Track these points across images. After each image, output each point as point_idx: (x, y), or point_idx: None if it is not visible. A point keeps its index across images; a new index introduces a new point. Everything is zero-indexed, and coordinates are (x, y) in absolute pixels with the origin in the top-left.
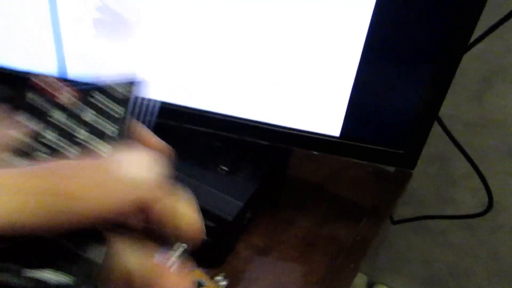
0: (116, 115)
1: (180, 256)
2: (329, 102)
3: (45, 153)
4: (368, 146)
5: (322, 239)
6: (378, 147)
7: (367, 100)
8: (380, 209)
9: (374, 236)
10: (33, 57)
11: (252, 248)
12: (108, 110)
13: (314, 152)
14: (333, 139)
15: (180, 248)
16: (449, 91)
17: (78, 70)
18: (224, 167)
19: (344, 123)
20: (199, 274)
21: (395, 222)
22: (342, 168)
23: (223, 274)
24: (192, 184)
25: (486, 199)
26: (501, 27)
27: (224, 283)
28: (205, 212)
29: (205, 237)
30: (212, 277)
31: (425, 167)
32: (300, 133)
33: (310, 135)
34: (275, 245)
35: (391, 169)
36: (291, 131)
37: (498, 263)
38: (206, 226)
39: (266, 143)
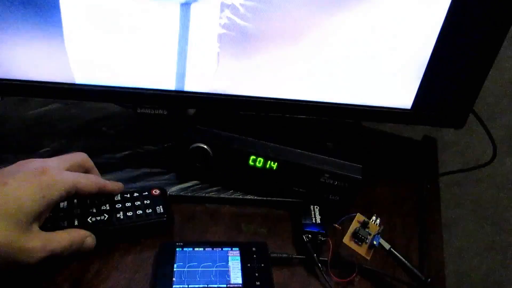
0: None
1: None
2: (405, 81)
3: None
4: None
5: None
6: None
7: (437, 77)
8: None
9: None
10: (153, 75)
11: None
12: None
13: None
14: (405, 111)
15: None
16: None
17: (195, 87)
18: (329, 143)
19: (415, 97)
20: (360, 216)
21: None
22: None
23: (374, 214)
24: (317, 157)
25: None
26: None
27: (378, 220)
28: (337, 176)
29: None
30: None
31: None
32: (377, 109)
33: (384, 109)
34: None
35: None
36: (374, 109)
37: None
38: (340, 186)
39: (350, 120)
